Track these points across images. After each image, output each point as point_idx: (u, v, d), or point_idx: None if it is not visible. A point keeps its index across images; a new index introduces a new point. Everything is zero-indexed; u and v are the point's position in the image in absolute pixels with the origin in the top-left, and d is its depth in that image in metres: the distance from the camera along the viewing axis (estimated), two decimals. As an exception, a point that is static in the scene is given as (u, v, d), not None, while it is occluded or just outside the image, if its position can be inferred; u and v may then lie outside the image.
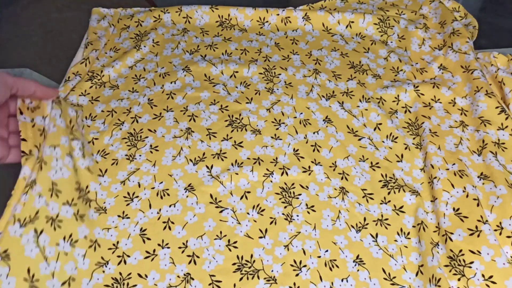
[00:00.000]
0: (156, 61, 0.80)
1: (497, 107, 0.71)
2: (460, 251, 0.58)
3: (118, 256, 0.58)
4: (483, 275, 0.56)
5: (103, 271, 0.57)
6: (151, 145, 0.69)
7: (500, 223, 0.60)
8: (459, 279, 0.55)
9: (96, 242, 0.59)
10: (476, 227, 0.59)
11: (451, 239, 0.59)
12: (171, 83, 0.77)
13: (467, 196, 0.62)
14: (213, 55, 0.81)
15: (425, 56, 0.81)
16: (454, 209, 0.61)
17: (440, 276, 0.54)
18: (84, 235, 0.59)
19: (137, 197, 0.63)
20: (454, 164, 0.66)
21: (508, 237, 0.58)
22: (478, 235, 0.58)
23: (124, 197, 0.64)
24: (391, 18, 0.86)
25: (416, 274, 0.57)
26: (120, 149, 0.68)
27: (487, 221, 0.59)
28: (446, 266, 0.57)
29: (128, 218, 0.62)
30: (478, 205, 0.61)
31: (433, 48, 0.82)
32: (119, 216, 0.62)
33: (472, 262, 0.57)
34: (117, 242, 0.59)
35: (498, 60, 0.80)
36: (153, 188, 0.64)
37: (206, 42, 0.83)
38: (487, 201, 0.62)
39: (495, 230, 0.59)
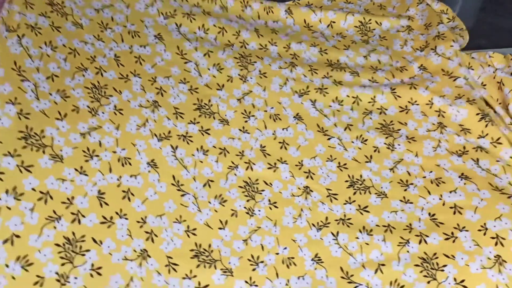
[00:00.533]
0: (126, 14, 0.75)
1: (477, 114, 0.71)
2: (434, 254, 0.59)
3: (72, 214, 0.55)
4: (455, 279, 0.56)
5: (55, 227, 0.53)
6: (115, 106, 0.65)
7: (485, 223, 0.60)
8: (428, 282, 0.57)
9: (48, 194, 0.55)
10: (452, 233, 0.60)
11: (425, 242, 0.60)
12: (141, 46, 0.73)
13: (443, 204, 0.63)
14: (189, 27, 0.78)
15: (407, 56, 0.82)
16: (430, 214, 0.63)
17: (403, 283, 0.56)
18: (32, 187, 0.54)
19: (97, 156, 0.60)
20: (431, 171, 0.66)
21: (493, 238, 0.59)
22: (454, 241, 0.59)
23: (83, 151, 0.59)
24: (373, 21, 0.86)
25: (375, 272, 0.58)
26: (82, 98, 0.63)
27: (464, 227, 0.60)
28: (417, 266, 0.58)
29: (86, 175, 0.58)
30: (454, 213, 0.62)
31: (415, 49, 0.83)
32: (76, 170, 0.58)
33: (445, 266, 0.57)
34: (72, 198, 0.56)
35: (494, 59, 0.80)
36: (114, 152, 0.61)
37: (184, 9, 0.79)
38: (470, 202, 0.63)
39: (479, 230, 0.59)
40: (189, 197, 0.62)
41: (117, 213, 0.57)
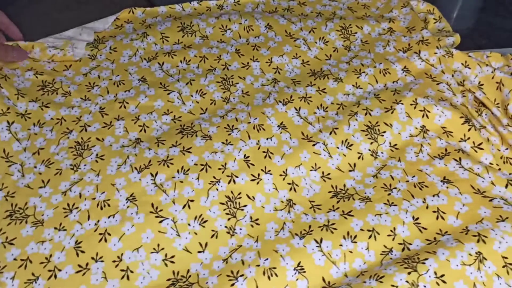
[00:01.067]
0: (112, 68, 0.78)
1: (461, 117, 0.68)
2: (417, 253, 0.55)
3: (49, 271, 0.55)
4: (435, 273, 0.53)
5: None
6: (97, 154, 0.66)
7: (466, 227, 0.57)
8: (409, 273, 0.52)
9: (27, 259, 0.56)
10: (435, 238, 0.57)
11: (408, 249, 0.56)
12: (125, 91, 0.74)
13: (427, 207, 0.59)
14: (171, 63, 0.78)
15: (389, 57, 0.78)
16: (413, 217, 0.58)
17: (383, 274, 0.52)
18: (14, 257, 0.56)
19: (76, 208, 0.60)
20: (414, 176, 0.63)
21: (474, 235, 0.55)
22: (436, 243, 0.56)
23: (64, 208, 0.60)
24: (353, 25, 0.83)
25: (357, 276, 0.54)
26: (65, 159, 0.65)
27: (446, 232, 0.57)
28: (397, 263, 0.54)
29: (65, 230, 0.58)
30: (437, 218, 0.58)
31: (397, 50, 0.79)
32: (55, 228, 0.58)
33: (426, 259, 0.54)
34: (50, 256, 0.56)
35: (492, 58, 0.78)
36: (94, 198, 0.61)
37: (165, 50, 0.81)
38: (453, 206, 0.59)
39: (461, 232, 0.57)
40: (168, 222, 0.58)
41: (92, 258, 0.56)
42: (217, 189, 0.61)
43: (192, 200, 0.60)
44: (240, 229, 0.58)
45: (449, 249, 0.55)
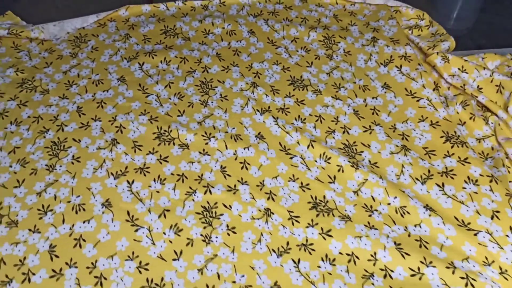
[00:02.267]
0: (92, 67, 0.77)
1: (441, 137, 0.68)
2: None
3: (23, 274, 0.55)
4: None
5: None
6: (73, 156, 0.65)
7: (452, 262, 0.56)
8: None
9: (1, 261, 0.56)
10: (419, 268, 0.55)
11: (391, 277, 0.55)
12: (103, 91, 0.73)
13: (409, 235, 0.58)
14: (151, 63, 0.78)
15: (370, 73, 0.78)
16: (395, 243, 0.57)
17: None
18: None
19: (51, 210, 0.60)
20: (396, 197, 0.62)
21: (462, 278, 0.54)
22: (420, 278, 0.55)
23: (38, 209, 0.60)
24: (336, 35, 0.83)
25: None
26: (41, 159, 0.65)
27: (431, 262, 0.56)
28: None
29: (39, 233, 0.58)
30: (420, 246, 0.57)
31: (379, 64, 0.79)
32: (30, 230, 0.58)
33: None
34: (24, 258, 0.56)
35: (488, 59, 0.77)
36: (69, 201, 0.61)
37: (146, 50, 0.80)
38: (435, 239, 0.58)
39: (447, 267, 0.55)
40: (143, 230, 0.59)
41: (67, 263, 0.56)
42: (193, 200, 0.61)
43: (168, 210, 0.60)
44: (216, 237, 0.58)
45: None
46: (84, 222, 0.59)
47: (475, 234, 0.58)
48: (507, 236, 0.58)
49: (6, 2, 0.89)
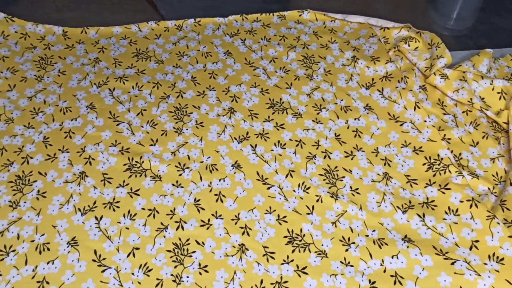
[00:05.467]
0: (59, 93, 0.74)
1: (424, 164, 0.67)
2: None
3: None
4: None
5: None
6: (38, 191, 0.62)
7: None
8: None
9: None
10: None
11: None
12: (72, 120, 0.70)
13: (384, 271, 0.57)
14: (122, 88, 0.75)
15: (352, 92, 0.76)
16: (370, 281, 0.56)
17: None
18: None
19: (13, 251, 0.57)
20: (374, 230, 0.60)
21: None
22: None
23: (0, 251, 0.57)
24: (316, 55, 0.81)
25: None
26: (4, 194, 0.61)
27: None
28: None
29: (0, 275, 0.55)
30: (395, 283, 0.56)
31: (361, 85, 0.77)
32: None
33: None
34: None
35: (481, 56, 0.76)
36: (32, 241, 0.57)
37: (117, 74, 0.77)
38: (411, 271, 0.57)
39: None
40: (111, 271, 0.56)
41: None
42: (164, 236, 0.58)
43: (137, 248, 0.57)
44: (187, 277, 0.55)
45: None
46: (48, 263, 0.56)
47: (452, 263, 0.57)
48: (485, 264, 0.57)
49: (6, 2, 0.88)
